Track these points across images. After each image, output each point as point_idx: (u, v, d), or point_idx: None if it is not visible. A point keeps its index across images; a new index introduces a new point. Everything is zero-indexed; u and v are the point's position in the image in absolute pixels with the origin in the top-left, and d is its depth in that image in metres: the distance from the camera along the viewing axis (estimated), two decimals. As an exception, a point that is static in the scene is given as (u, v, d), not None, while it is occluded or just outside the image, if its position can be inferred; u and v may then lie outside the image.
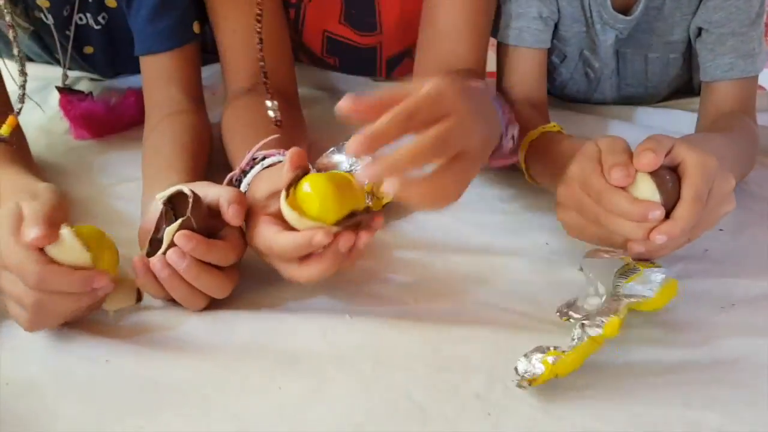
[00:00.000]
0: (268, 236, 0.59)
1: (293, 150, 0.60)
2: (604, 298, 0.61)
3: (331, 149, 0.82)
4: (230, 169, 0.70)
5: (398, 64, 1.05)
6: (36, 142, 0.91)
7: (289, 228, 0.58)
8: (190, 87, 0.87)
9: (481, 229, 0.76)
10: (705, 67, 0.89)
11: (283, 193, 0.58)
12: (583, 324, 0.57)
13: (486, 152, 0.64)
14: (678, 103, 1.04)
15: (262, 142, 0.68)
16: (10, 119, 0.75)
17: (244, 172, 0.68)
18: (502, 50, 0.92)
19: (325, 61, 1.04)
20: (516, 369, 0.54)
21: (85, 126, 0.94)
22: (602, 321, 0.56)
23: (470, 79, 0.69)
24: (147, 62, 0.85)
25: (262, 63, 0.75)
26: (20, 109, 0.76)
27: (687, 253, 0.68)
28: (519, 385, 0.53)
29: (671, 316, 0.62)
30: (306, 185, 0.58)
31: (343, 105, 0.51)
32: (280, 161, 0.66)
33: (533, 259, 0.71)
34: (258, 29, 0.74)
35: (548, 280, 0.67)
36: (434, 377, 0.56)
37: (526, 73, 0.90)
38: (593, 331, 0.56)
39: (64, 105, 0.94)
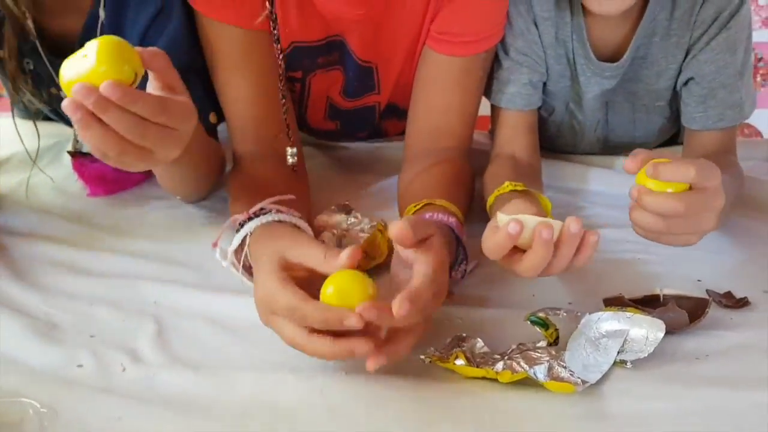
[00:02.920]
0: (292, 299, 0.61)
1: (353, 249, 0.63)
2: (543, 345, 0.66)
3: (332, 207, 0.87)
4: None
5: (387, 116, 1.10)
6: (52, 202, 0.97)
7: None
8: None
9: (474, 282, 0.80)
10: (695, 117, 0.94)
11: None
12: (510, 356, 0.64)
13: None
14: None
15: (278, 197, 0.73)
16: None
17: (250, 219, 0.73)
18: (495, 111, 0.97)
19: (325, 130, 1.09)
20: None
21: (99, 185, 0.98)
22: (507, 365, 0.63)
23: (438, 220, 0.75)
24: None
25: (285, 116, 0.81)
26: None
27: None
28: (420, 357, 0.64)
29: (647, 367, 0.65)
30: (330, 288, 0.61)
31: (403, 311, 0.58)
32: (291, 221, 0.72)
33: (523, 311, 0.73)
34: (281, 87, 0.81)
35: (519, 331, 0.70)
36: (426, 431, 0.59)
37: (515, 133, 0.95)
38: (498, 366, 0.63)
39: (77, 167, 0.98)
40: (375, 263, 0.81)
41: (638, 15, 0.92)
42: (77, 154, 0.99)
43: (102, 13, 0.88)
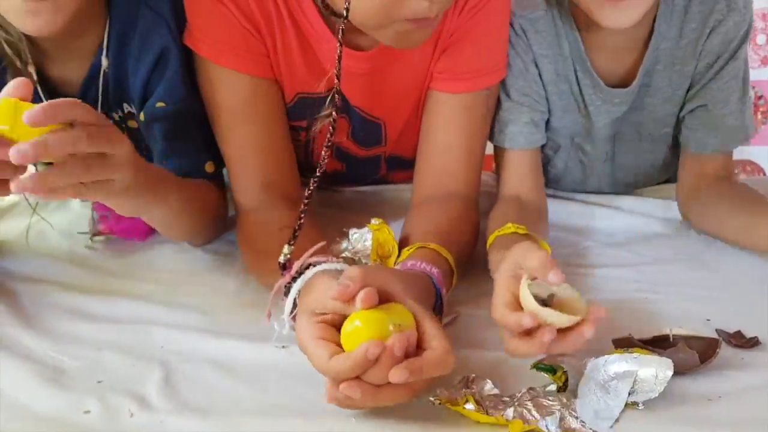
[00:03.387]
0: (320, 361, 0.61)
1: (367, 290, 0.61)
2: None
3: (336, 240, 0.85)
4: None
5: (393, 168, 1.11)
6: (59, 246, 0.97)
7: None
8: None
9: (478, 324, 0.79)
10: (707, 142, 0.97)
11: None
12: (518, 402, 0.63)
13: None
14: (659, 190, 1.10)
15: (312, 250, 0.71)
16: None
17: (294, 279, 0.70)
18: (498, 152, 0.98)
19: (331, 172, 1.10)
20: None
21: (136, 233, 0.98)
22: (518, 413, 0.62)
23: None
24: None
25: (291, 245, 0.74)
26: None
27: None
28: (430, 399, 0.63)
29: (659, 409, 0.64)
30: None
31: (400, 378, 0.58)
32: (331, 269, 0.70)
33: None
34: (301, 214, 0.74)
35: (527, 374, 0.68)
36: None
37: (519, 172, 0.96)
38: (508, 412, 0.62)
39: (109, 230, 0.98)
40: (394, 260, 0.80)
41: (644, 44, 0.94)
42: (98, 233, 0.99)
43: (104, 62, 0.89)
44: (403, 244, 0.84)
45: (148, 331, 0.77)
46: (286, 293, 0.70)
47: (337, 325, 0.63)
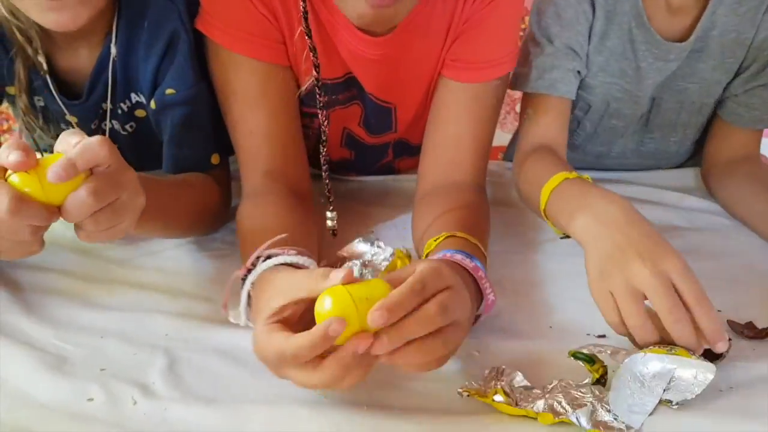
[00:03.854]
0: (278, 343, 0.59)
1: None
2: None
3: (358, 239, 0.84)
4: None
5: (400, 154, 1.10)
6: (62, 235, 0.95)
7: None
8: None
9: (512, 314, 0.78)
10: (761, 118, 0.99)
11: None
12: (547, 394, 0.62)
13: (470, 322, 0.67)
14: (672, 177, 1.10)
15: (269, 242, 0.70)
16: None
17: (249, 271, 0.69)
18: (530, 101, 0.97)
19: (340, 160, 1.09)
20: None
21: None
22: (548, 405, 0.61)
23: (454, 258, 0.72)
24: None
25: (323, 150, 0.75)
26: None
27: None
28: (458, 391, 0.63)
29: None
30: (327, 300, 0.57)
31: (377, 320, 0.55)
32: (286, 261, 0.68)
33: (542, 343, 0.73)
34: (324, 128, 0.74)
35: (559, 365, 0.68)
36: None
37: (552, 121, 0.95)
38: (538, 404, 0.61)
39: None
40: None
41: (702, 7, 0.94)
42: None
43: (114, 50, 0.88)
44: (418, 233, 0.83)
45: (152, 320, 0.77)
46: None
47: (294, 319, 0.61)
